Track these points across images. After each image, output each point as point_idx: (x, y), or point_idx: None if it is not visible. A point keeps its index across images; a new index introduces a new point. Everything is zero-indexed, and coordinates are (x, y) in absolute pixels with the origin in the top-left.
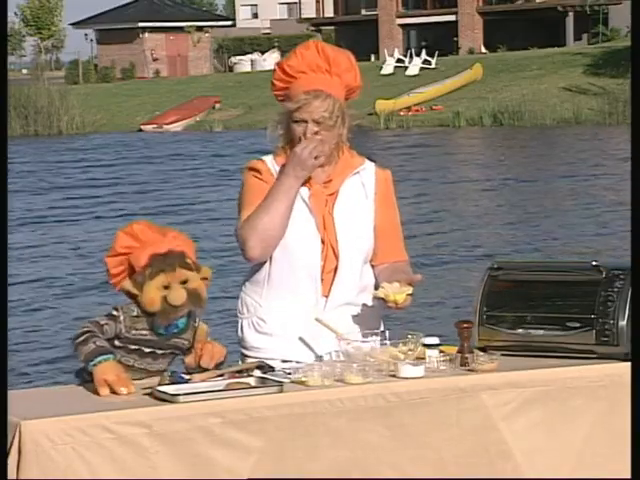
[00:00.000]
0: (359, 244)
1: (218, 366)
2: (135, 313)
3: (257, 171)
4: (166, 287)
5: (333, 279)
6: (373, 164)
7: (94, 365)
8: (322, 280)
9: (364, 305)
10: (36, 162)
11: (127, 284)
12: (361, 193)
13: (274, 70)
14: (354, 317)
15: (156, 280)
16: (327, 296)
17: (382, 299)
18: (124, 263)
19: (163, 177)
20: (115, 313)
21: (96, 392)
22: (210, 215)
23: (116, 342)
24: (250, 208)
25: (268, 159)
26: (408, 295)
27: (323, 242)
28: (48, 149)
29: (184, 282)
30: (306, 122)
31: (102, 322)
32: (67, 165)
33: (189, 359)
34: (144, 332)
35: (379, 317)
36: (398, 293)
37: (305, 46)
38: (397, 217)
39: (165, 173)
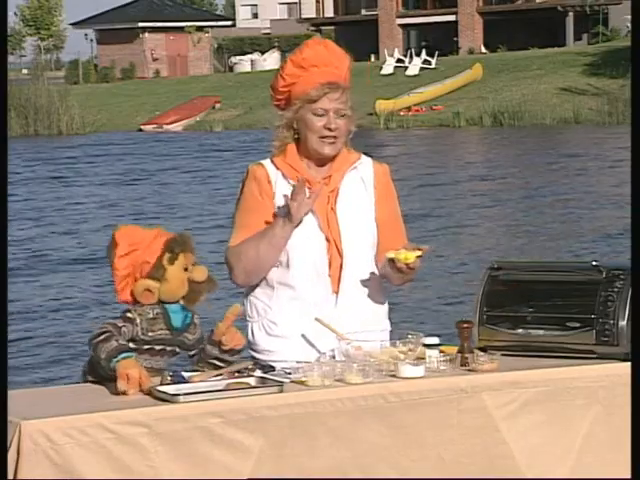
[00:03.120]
0: (362, 238)
1: (234, 353)
2: (151, 315)
3: (256, 180)
4: (186, 269)
5: (340, 275)
6: (370, 159)
7: (117, 361)
8: (330, 277)
9: (372, 301)
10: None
11: (144, 283)
12: (361, 187)
13: (282, 67)
14: (363, 311)
15: (177, 264)
16: (337, 292)
17: (392, 260)
18: (130, 265)
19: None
20: (130, 315)
21: (99, 393)
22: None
23: (131, 344)
24: (243, 231)
25: (266, 162)
26: (418, 257)
27: (328, 240)
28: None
29: (194, 264)
30: (328, 112)
31: (119, 324)
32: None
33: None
34: (160, 332)
35: (386, 311)
36: (409, 252)
37: (315, 41)
38: (397, 208)
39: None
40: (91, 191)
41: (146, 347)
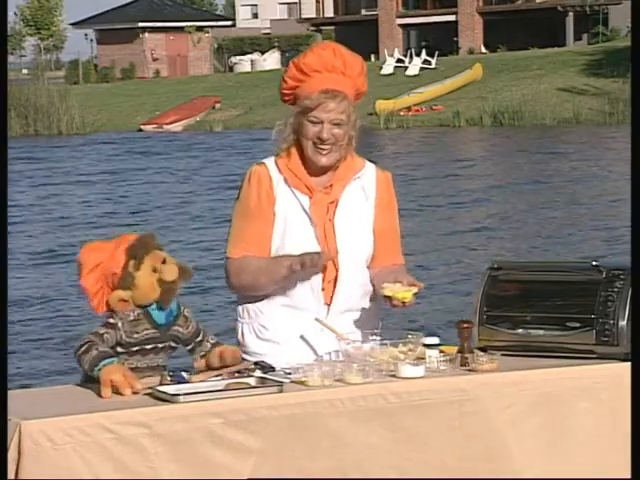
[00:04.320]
0: (359, 252)
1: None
2: (132, 317)
3: (258, 183)
4: (154, 271)
5: (334, 288)
6: (374, 166)
7: (99, 370)
8: (323, 289)
9: (363, 309)
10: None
11: (116, 294)
12: (361, 197)
13: (287, 68)
14: (354, 322)
15: (144, 267)
16: (329, 304)
17: (388, 297)
18: (100, 279)
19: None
20: (112, 321)
21: (99, 394)
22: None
23: (118, 349)
24: (242, 241)
25: (270, 163)
26: (414, 294)
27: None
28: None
29: (163, 262)
30: (322, 122)
31: (101, 332)
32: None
33: (199, 363)
34: (145, 332)
35: (377, 320)
36: (406, 291)
37: (322, 46)
38: (396, 220)
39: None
40: (82, 190)
41: (135, 348)
